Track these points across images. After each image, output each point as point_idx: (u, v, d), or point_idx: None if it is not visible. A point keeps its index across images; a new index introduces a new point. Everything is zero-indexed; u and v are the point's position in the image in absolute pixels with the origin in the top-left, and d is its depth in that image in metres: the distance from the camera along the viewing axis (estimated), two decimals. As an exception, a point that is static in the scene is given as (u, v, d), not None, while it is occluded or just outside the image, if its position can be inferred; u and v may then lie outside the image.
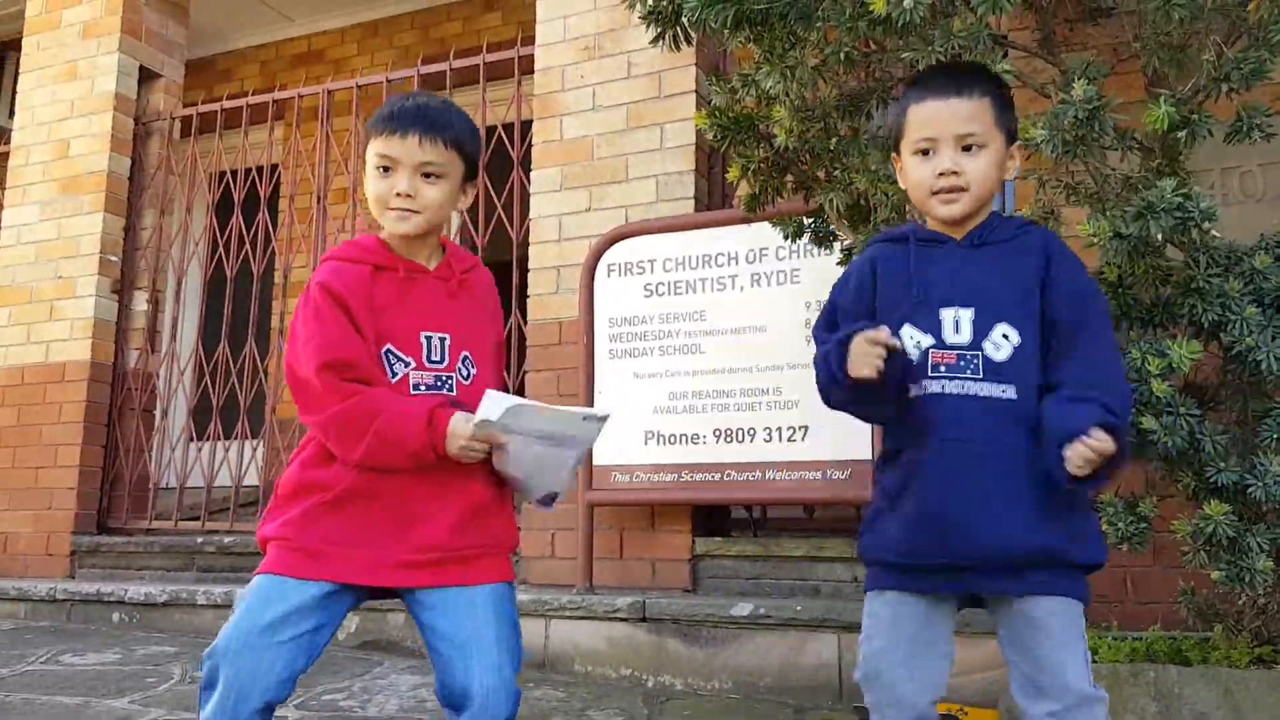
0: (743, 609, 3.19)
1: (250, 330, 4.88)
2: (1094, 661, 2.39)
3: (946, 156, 1.69)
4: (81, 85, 5.33)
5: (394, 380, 1.79)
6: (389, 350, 1.80)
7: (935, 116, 1.71)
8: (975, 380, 1.63)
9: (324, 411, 1.74)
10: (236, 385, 4.89)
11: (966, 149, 1.69)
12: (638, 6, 2.62)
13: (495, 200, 4.34)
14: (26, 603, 4.41)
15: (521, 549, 3.91)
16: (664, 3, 2.54)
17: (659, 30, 2.60)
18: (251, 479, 4.96)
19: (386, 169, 1.85)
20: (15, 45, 5.93)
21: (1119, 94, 2.14)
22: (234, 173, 5.06)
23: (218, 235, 5.11)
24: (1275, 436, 2.12)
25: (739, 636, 3.19)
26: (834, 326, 1.74)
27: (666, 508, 3.68)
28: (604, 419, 1.77)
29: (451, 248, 1.95)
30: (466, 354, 1.85)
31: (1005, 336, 1.64)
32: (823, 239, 2.96)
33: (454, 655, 1.71)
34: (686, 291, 3.71)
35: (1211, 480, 2.10)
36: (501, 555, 1.82)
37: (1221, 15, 2.19)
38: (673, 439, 3.62)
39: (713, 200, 3.96)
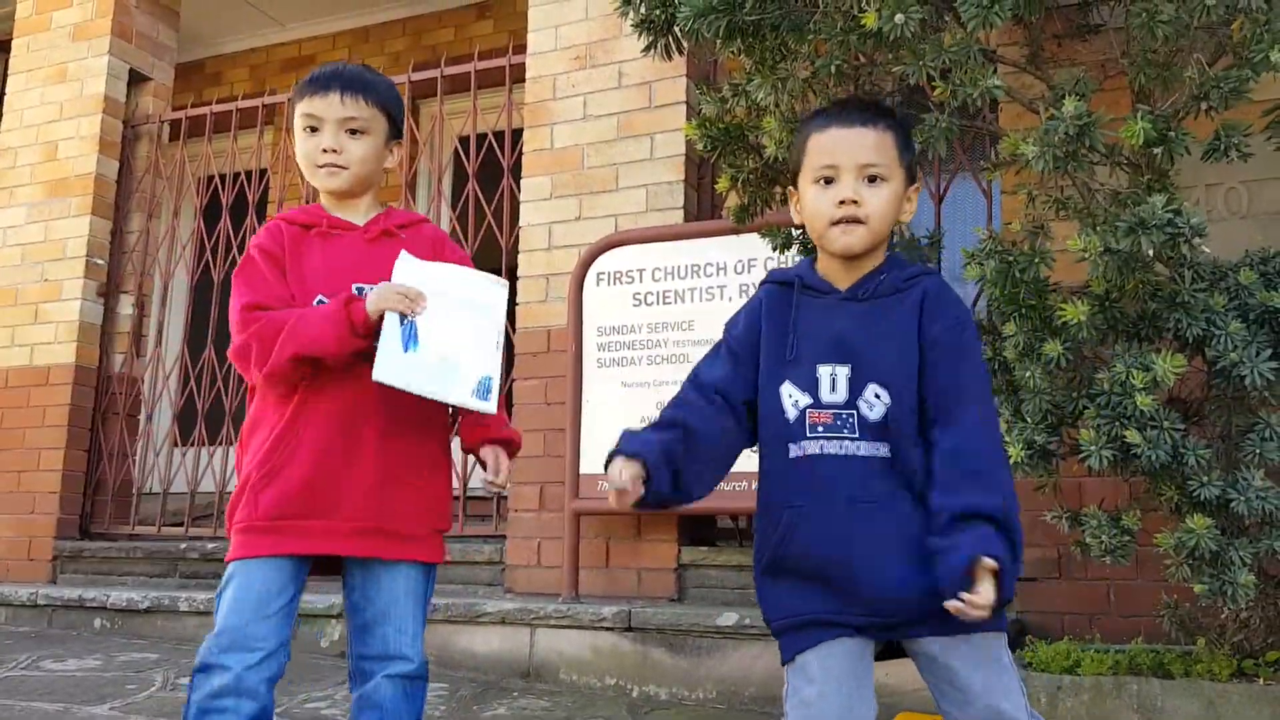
0: (728, 619, 3.19)
1: (237, 335, 4.85)
2: (1077, 673, 2.41)
3: (848, 185, 1.64)
4: (71, 87, 5.31)
5: None
6: (320, 300, 1.87)
7: (839, 144, 1.66)
8: (852, 440, 1.61)
9: (242, 337, 1.85)
10: (222, 390, 4.87)
11: (870, 180, 1.65)
12: (630, 15, 2.64)
13: (485, 208, 4.34)
14: (7, 608, 4.38)
15: (507, 557, 3.90)
16: (656, 12, 2.56)
17: (650, 39, 2.62)
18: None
19: (313, 129, 1.92)
20: (4, 47, 5.90)
21: (1107, 110, 2.16)
22: (222, 177, 5.04)
23: (205, 239, 5.09)
24: (1258, 451, 2.14)
25: (724, 646, 3.19)
26: (718, 362, 1.73)
27: (653, 517, 3.67)
28: (504, 285, 1.91)
29: (392, 209, 2.02)
30: None
31: (877, 396, 1.61)
32: (811, 251, 2.97)
33: (375, 621, 1.84)
34: (675, 301, 3.72)
35: (1195, 494, 2.12)
36: (436, 536, 1.91)
37: (1206, 33, 2.22)
38: (660, 448, 3.62)
39: (702, 210, 3.97)
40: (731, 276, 3.64)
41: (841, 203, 1.64)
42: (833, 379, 1.63)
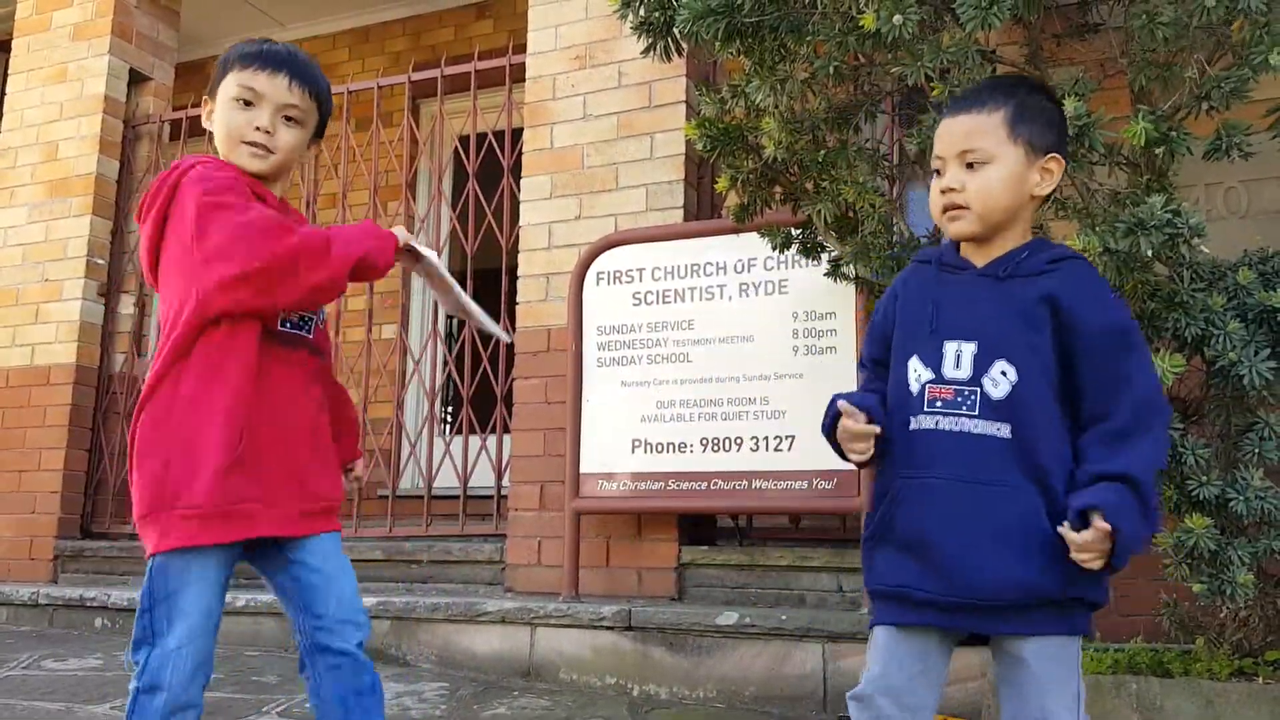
0: (728, 618, 3.19)
1: (237, 335, 4.86)
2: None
3: (950, 174, 1.66)
4: (71, 87, 5.31)
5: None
6: None
7: (942, 135, 1.69)
8: (970, 417, 1.59)
9: (285, 242, 1.72)
10: (223, 390, 4.86)
11: (970, 166, 1.64)
12: (629, 17, 2.64)
13: (485, 207, 4.35)
14: (9, 607, 4.38)
15: (507, 557, 3.90)
16: (655, 14, 2.56)
17: (650, 41, 2.62)
18: (237, 484, 4.94)
19: (248, 103, 1.85)
20: (5, 47, 5.91)
21: (1106, 110, 2.16)
22: (223, 177, 5.04)
23: (206, 239, 5.08)
24: (1257, 451, 2.14)
25: (724, 646, 3.20)
26: (870, 349, 1.78)
27: (653, 516, 3.68)
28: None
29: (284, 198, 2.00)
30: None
31: (1004, 374, 1.59)
32: (810, 250, 2.98)
33: (324, 584, 1.84)
34: (675, 300, 3.72)
35: (1193, 494, 2.12)
36: (336, 509, 1.93)
37: (1206, 33, 2.22)
38: (660, 448, 3.63)
39: (702, 210, 3.97)
40: (731, 276, 3.64)
41: (944, 191, 1.66)
42: (958, 355, 1.63)
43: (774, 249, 3.09)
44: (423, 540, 4.14)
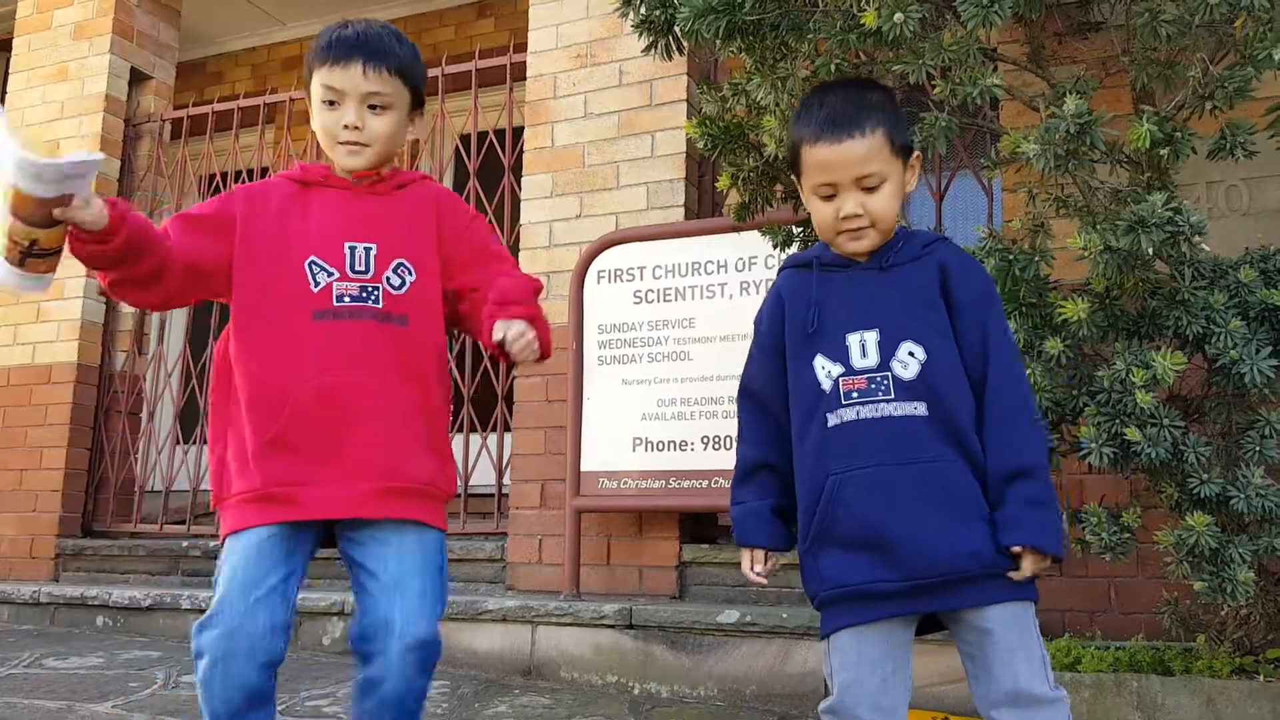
0: (729, 616, 3.19)
1: (238, 333, 4.86)
2: (1077, 670, 2.42)
3: (849, 201, 1.68)
4: (72, 86, 5.31)
5: (316, 290, 1.76)
6: (313, 261, 1.78)
7: (832, 163, 1.68)
8: (888, 401, 1.63)
9: None
10: (224, 388, 4.87)
11: (868, 189, 1.68)
12: (630, 15, 2.64)
13: (486, 206, 4.34)
14: (10, 605, 4.38)
15: (508, 555, 3.90)
16: (656, 12, 2.56)
17: (651, 39, 2.62)
18: (238, 483, 4.94)
19: (332, 102, 1.81)
20: (6, 46, 5.90)
21: (1107, 108, 2.16)
22: (224, 175, 5.05)
23: (207, 238, 5.08)
24: (1258, 449, 2.14)
25: (725, 644, 3.20)
26: (753, 361, 1.79)
27: (654, 514, 3.68)
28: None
29: (397, 169, 1.91)
30: (401, 261, 1.81)
31: (911, 354, 1.64)
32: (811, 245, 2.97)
33: (380, 594, 1.71)
34: (676, 299, 3.72)
35: (1195, 491, 2.12)
36: (435, 500, 1.80)
37: (1208, 32, 2.22)
38: (661, 446, 3.63)
39: (703, 208, 3.97)
40: (732, 274, 3.65)
41: (845, 217, 1.68)
42: (862, 344, 1.67)
43: (775, 247, 3.08)
44: (424, 538, 4.14)
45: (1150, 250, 2.03)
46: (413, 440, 1.79)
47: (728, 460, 3.50)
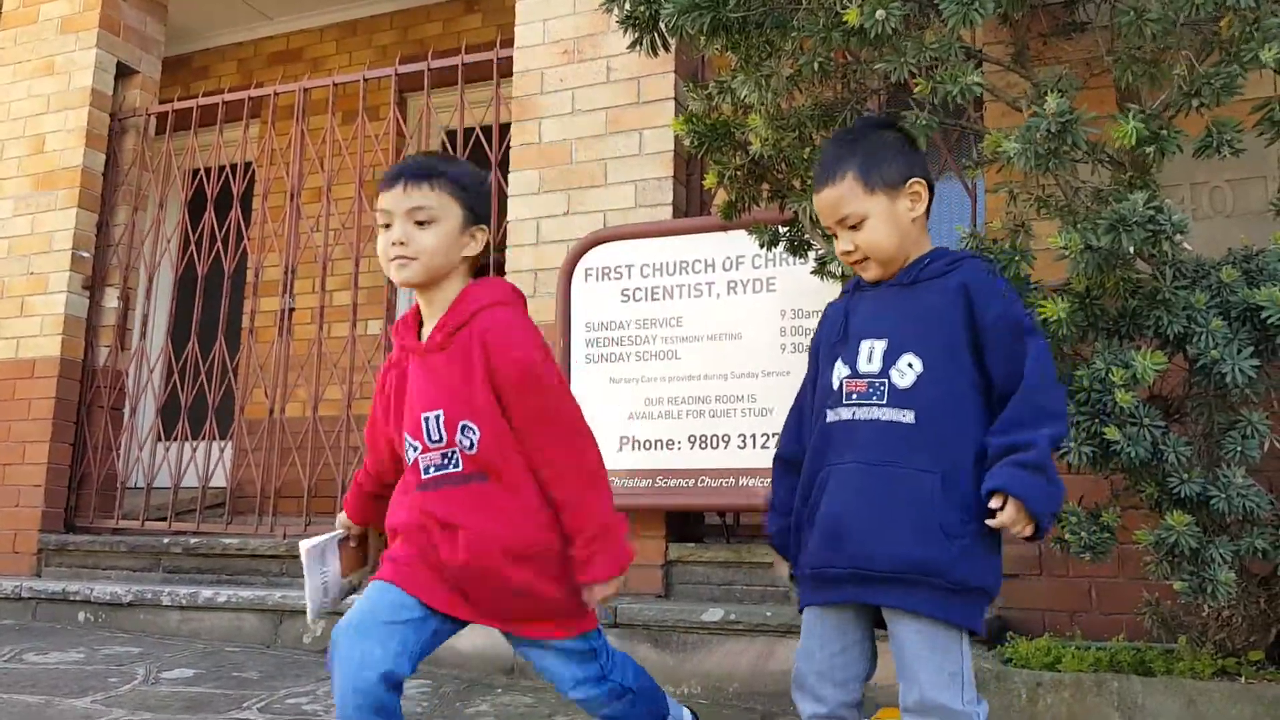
0: (714, 614, 3.19)
1: (220, 329, 4.84)
2: (1057, 670, 2.41)
3: (842, 239, 1.86)
4: (58, 80, 5.28)
5: (409, 464, 1.90)
6: (407, 436, 1.90)
7: (821, 209, 1.89)
8: (880, 406, 1.74)
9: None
10: (205, 385, 4.85)
11: (853, 227, 1.83)
12: (615, 11, 2.63)
13: (472, 203, 4.32)
14: (-9, 601, 4.36)
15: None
16: (641, 7, 2.55)
17: (636, 35, 2.60)
18: (219, 480, 4.92)
19: (387, 225, 1.91)
20: (-9, 38, 5.86)
21: (1091, 108, 2.16)
22: (208, 170, 5.02)
23: (190, 233, 5.07)
24: (1239, 449, 2.14)
25: (709, 642, 3.19)
26: (810, 369, 1.96)
27: (641, 513, 3.67)
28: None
29: (457, 301, 1.92)
30: (465, 423, 1.84)
31: (910, 365, 1.74)
32: (797, 248, 2.97)
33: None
34: (664, 297, 3.71)
35: (1174, 491, 2.12)
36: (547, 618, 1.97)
37: (1194, 30, 2.21)
38: (648, 444, 3.62)
39: (691, 207, 3.96)
40: (720, 273, 3.64)
41: (844, 253, 1.87)
42: (870, 351, 1.79)
43: (761, 246, 3.07)
44: (408, 536, 4.12)
45: (1131, 249, 2.02)
46: (533, 578, 1.92)
47: (714, 459, 3.50)
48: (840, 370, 1.81)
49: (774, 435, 3.43)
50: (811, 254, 3.02)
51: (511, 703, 3.06)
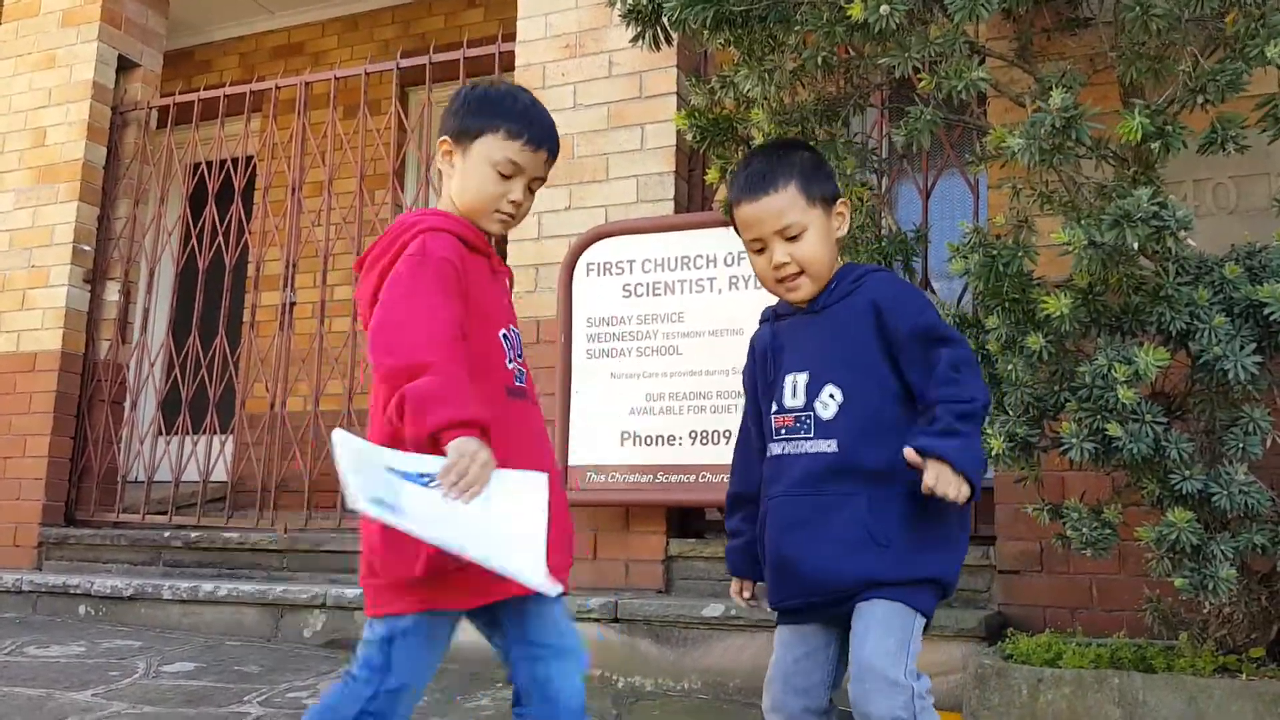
0: (714, 610, 3.19)
1: (221, 323, 4.84)
2: (1058, 666, 2.41)
3: (776, 251, 1.82)
4: (59, 74, 5.28)
5: (509, 366, 1.81)
6: (505, 334, 1.83)
7: (751, 221, 1.84)
8: (807, 439, 1.78)
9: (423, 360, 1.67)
10: (206, 379, 4.85)
11: (791, 238, 1.82)
12: (618, 5, 2.63)
13: (474, 197, 4.32)
14: (-8, 594, 4.36)
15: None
16: (644, 2, 2.54)
17: (639, 29, 2.60)
18: (220, 474, 4.92)
19: (507, 175, 1.82)
20: (-7, 32, 5.86)
21: (1095, 104, 2.15)
22: (209, 164, 5.02)
23: (191, 226, 5.06)
24: (1241, 445, 2.14)
25: (710, 637, 3.19)
26: (748, 415, 1.96)
27: (641, 509, 3.67)
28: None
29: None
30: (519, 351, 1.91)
31: (831, 396, 1.78)
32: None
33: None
34: (665, 293, 3.71)
35: (1176, 487, 2.12)
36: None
37: (1199, 27, 2.21)
38: (649, 440, 3.62)
39: (692, 202, 3.96)
40: (721, 269, 3.63)
41: (776, 267, 1.83)
42: (794, 385, 1.82)
43: (762, 241, 3.07)
44: (408, 531, 4.12)
45: (1135, 245, 2.02)
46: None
47: (715, 455, 3.50)
48: (773, 406, 1.85)
49: (775, 431, 3.43)
50: (813, 249, 3.01)
51: (510, 696, 3.06)
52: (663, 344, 3.67)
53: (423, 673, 1.73)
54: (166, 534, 4.51)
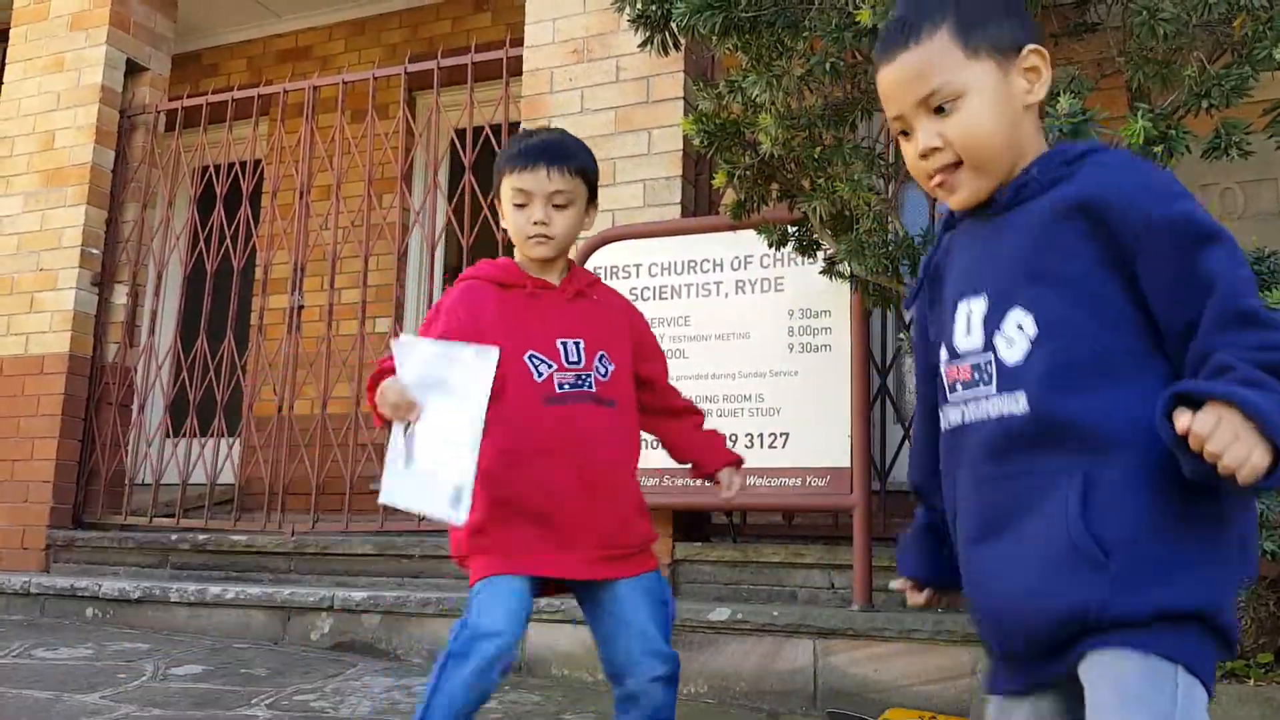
0: (720, 613, 3.19)
1: (229, 326, 4.85)
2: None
3: (921, 131, 1.27)
4: (68, 77, 5.30)
5: (540, 380, 2.00)
6: (532, 355, 2.01)
7: (888, 89, 1.30)
8: (988, 396, 1.21)
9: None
10: (214, 381, 4.86)
11: (938, 110, 1.25)
12: (626, 10, 2.63)
13: (481, 200, 4.33)
14: (1, 596, 4.37)
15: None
16: (653, 7, 2.55)
17: (647, 34, 2.61)
18: (227, 477, 4.93)
19: (522, 204, 2.06)
20: (2, 36, 5.88)
21: (1103, 109, 2.15)
22: (217, 167, 5.04)
23: (199, 230, 5.08)
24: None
25: (715, 641, 3.19)
26: (919, 362, 1.41)
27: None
28: (493, 356, 1.90)
29: (574, 267, 2.21)
30: (603, 353, 2.05)
31: (1020, 327, 1.19)
32: (806, 248, 2.97)
33: (618, 633, 2.02)
34: (671, 296, 3.71)
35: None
36: (648, 551, 2.09)
37: (1206, 31, 2.21)
38: (655, 442, 3.61)
39: (699, 206, 3.96)
40: (728, 273, 3.64)
41: (923, 156, 1.28)
42: (968, 318, 1.25)
43: (770, 246, 3.08)
44: (415, 535, 4.13)
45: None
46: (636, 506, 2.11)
47: (720, 458, 3.49)
48: (943, 352, 1.29)
49: (781, 435, 3.43)
50: (820, 254, 3.02)
51: (520, 700, 3.07)
52: (669, 348, 3.67)
53: (496, 623, 1.94)
54: (174, 536, 4.52)
